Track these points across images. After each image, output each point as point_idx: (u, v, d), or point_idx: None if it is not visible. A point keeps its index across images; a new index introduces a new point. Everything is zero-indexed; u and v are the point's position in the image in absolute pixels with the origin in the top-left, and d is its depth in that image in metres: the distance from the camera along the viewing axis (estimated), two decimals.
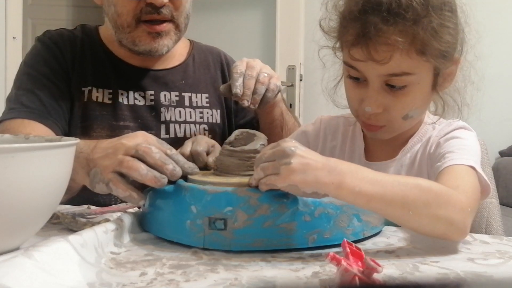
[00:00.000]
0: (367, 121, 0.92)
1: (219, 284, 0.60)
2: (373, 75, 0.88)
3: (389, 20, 0.83)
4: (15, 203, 0.66)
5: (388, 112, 0.90)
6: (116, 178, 0.78)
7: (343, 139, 1.06)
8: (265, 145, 0.82)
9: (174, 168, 0.78)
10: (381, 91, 0.88)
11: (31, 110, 1.10)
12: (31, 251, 0.60)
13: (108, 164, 0.79)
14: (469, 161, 0.84)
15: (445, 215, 0.72)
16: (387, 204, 0.71)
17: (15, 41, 2.72)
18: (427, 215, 0.72)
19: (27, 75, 1.17)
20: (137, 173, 0.77)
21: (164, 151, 0.79)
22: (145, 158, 0.77)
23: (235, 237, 0.71)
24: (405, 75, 0.86)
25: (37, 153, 0.67)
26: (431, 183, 0.75)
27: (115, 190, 0.79)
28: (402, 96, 0.88)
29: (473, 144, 0.92)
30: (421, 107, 0.93)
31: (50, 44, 1.19)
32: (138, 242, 0.77)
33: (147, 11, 1.12)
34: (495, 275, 0.64)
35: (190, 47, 1.33)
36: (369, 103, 0.89)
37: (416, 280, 0.63)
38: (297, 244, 0.73)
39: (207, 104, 1.26)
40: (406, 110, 0.90)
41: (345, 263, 0.57)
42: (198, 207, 0.73)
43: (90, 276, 0.62)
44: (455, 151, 0.87)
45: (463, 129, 0.95)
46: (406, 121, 0.92)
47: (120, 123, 1.16)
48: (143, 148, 0.78)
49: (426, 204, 0.72)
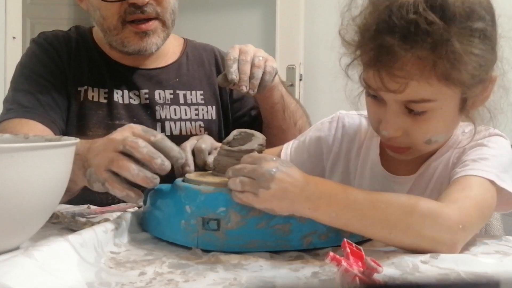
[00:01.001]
0: (388, 143, 0.86)
1: (218, 284, 0.60)
2: (390, 100, 0.80)
3: (406, 44, 0.75)
4: (15, 203, 0.66)
5: (408, 136, 0.82)
6: (111, 177, 0.78)
7: (359, 142, 0.99)
8: (263, 145, 0.81)
9: (162, 162, 0.77)
10: (399, 115, 0.80)
11: (29, 109, 1.10)
12: (31, 250, 0.60)
13: (99, 163, 0.79)
14: (489, 174, 0.78)
15: (430, 235, 0.70)
16: (367, 227, 0.70)
17: (14, 40, 2.72)
18: (410, 236, 0.71)
19: (23, 76, 1.17)
20: (128, 173, 0.76)
21: (148, 138, 0.78)
22: (133, 154, 0.77)
23: (228, 238, 0.71)
24: (425, 102, 0.78)
25: (37, 153, 0.67)
26: (417, 202, 0.72)
27: (112, 190, 0.79)
28: (423, 121, 0.80)
29: (502, 153, 0.84)
30: (446, 131, 0.85)
31: (46, 45, 1.20)
32: (137, 242, 0.77)
33: (131, 11, 1.12)
34: (495, 275, 0.64)
35: (184, 45, 1.33)
36: (386, 127, 0.82)
37: (417, 280, 0.63)
38: (292, 246, 0.73)
39: (202, 101, 1.26)
40: (428, 135, 0.82)
41: (345, 263, 0.57)
42: (192, 207, 0.73)
43: (89, 276, 0.62)
44: (478, 160, 0.81)
45: (495, 137, 0.87)
46: (430, 145, 0.84)
47: (115, 122, 1.17)
48: (129, 143, 0.77)
49: (408, 226, 0.70)
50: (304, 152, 1.03)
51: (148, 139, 0.78)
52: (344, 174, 0.99)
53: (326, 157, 1.02)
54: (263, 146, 0.81)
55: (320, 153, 1.02)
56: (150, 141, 0.78)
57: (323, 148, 1.02)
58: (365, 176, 0.96)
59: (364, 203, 0.71)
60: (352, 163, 0.99)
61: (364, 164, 0.97)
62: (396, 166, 0.93)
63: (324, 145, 1.02)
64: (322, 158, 1.02)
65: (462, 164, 0.82)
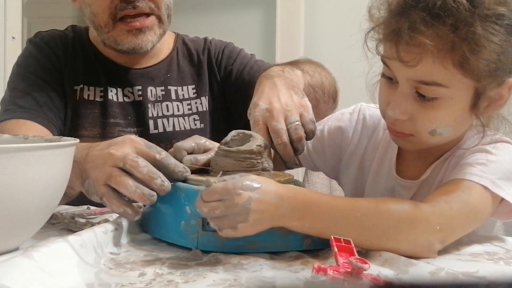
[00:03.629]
0: (392, 126, 0.85)
1: (218, 284, 0.60)
2: (403, 78, 0.80)
3: (428, 21, 0.74)
4: (14, 204, 0.66)
5: (413, 122, 0.81)
6: (108, 193, 0.77)
7: (377, 136, 0.97)
8: (261, 146, 0.81)
9: (162, 183, 0.76)
10: (408, 98, 0.80)
11: (27, 110, 1.10)
12: (30, 251, 0.60)
13: (98, 176, 0.78)
14: (482, 180, 0.77)
15: (406, 239, 0.71)
16: (343, 233, 0.68)
17: (14, 40, 2.71)
18: (388, 241, 0.71)
19: (20, 76, 1.17)
20: (125, 190, 0.75)
21: (153, 156, 0.77)
22: (133, 173, 0.76)
23: (228, 239, 0.70)
24: (436, 86, 0.77)
25: (36, 153, 0.66)
26: (395, 206, 0.73)
27: (109, 206, 0.78)
28: (431, 108, 0.79)
29: (505, 160, 0.81)
30: (453, 126, 0.82)
31: (42, 45, 1.20)
32: (137, 243, 0.77)
33: (121, 7, 1.11)
34: (496, 275, 0.64)
35: (175, 41, 1.31)
36: (393, 107, 0.81)
37: (411, 280, 0.63)
38: (292, 247, 0.72)
39: (194, 95, 1.25)
40: (434, 125, 0.81)
41: (331, 271, 0.57)
42: (192, 207, 0.73)
43: (89, 277, 0.62)
44: (474, 165, 0.79)
45: (502, 143, 0.83)
46: (434, 137, 0.82)
47: (110, 121, 1.16)
48: (129, 161, 0.76)
49: (385, 232, 0.71)
50: (324, 142, 1.01)
51: (153, 157, 0.77)
52: (359, 170, 0.98)
53: (344, 149, 1.00)
54: (261, 147, 0.81)
55: (339, 143, 1.01)
56: (155, 159, 0.77)
57: (343, 138, 1.00)
58: (380, 176, 0.95)
59: (338, 213, 0.71)
60: (368, 159, 0.98)
61: (380, 164, 0.95)
62: (405, 170, 0.92)
63: (344, 136, 1.00)
64: (340, 148, 1.01)
65: (458, 167, 0.81)
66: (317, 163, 1.03)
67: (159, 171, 0.76)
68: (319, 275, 0.58)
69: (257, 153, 0.80)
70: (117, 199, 0.77)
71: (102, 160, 0.78)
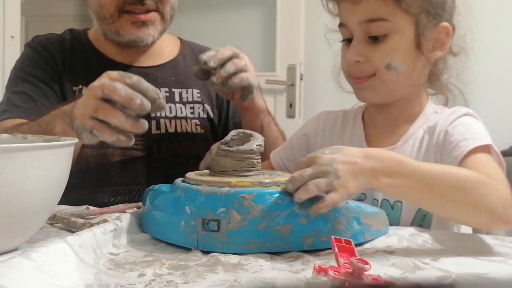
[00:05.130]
0: (354, 74, 0.95)
1: (218, 285, 0.59)
2: (354, 24, 0.92)
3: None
4: (13, 204, 0.65)
5: (370, 62, 0.93)
6: (98, 124, 0.80)
7: (341, 131, 1.06)
8: (261, 145, 0.81)
9: (141, 102, 0.79)
10: (363, 42, 0.93)
11: (24, 109, 1.11)
12: (29, 251, 0.60)
13: (83, 112, 0.81)
14: (483, 140, 0.86)
15: (486, 205, 0.72)
16: (426, 194, 0.72)
17: (13, 40, 2.71)
18: (467, 205, 0.72)
19: (19, 79, 1.18)
20: (115, 120, 0.79)
21: (124, 81, 0.80)
22: (112, 97, 0.79)
23: (228, 239, 0.70)
24: (382, 21, 0.90)
25: (35, 153, 0.66)
26: (468, 172, 0.76)
27: (101, 136, 0.81)
28: (382, 45, 0.92)
29: (481, 127, 0.92)
30: (405, 62, 0.93)
31: (39, 48, 1.21)
32: (137, 243, 0.77)
33: (130, 2, 1.13)
34: (497, 276, 0.64)
35: (181, 46, 1.33)
36: (351, 51, 0.93)
37: (417, 280, 0.62)
38: (293, 247, 0.72)
39: (198, 99, 1.26)
40: (387, 58, 0.92)
41: (332, 272, 0.57)
42: (192, 207, 0.73)
43: (88, 277, 0.61)
44: (467, 137, 0.88)
45: (468, 116, 0.94)
46: (390, 71, 0.92)
47: None
48: (107, 87, 0.79)
49: (466, 194, 0.72)
50: (293, 148, 1.09)
51: (124, 82, 0.80)
52: None
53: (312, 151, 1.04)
54: (261, 147, 0.80)
55: (307, 148, 1.08)
56: (127, 83, 0.80)
57: (309, 142, 1.09)
58: None
59: (422, 172, 0.73)
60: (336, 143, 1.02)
61: (350, 143, 1.01)
62: (377, 143, 0.99)
63: (310, 140, 1.09)
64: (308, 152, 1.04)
65: (455, 146, 0.88)
66: (291, 170, 1.05)
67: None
68: (320, 276, 0.58)
69: (257, 153, 0.80)
70: (108, 128, 0.80)
71: (84, 96, 0.83)
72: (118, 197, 1.16)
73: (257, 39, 2.80)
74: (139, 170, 1.17)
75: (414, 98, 0.99)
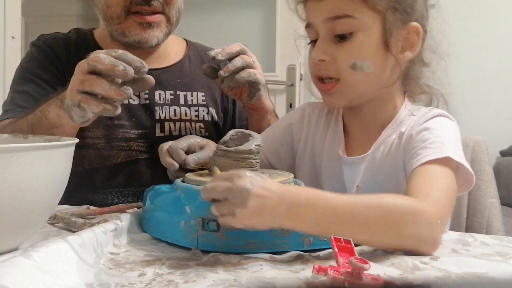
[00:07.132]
0: (318, 72, 0.92)
1: (218, 285, 0.60)
2: (319, 22, 0.90)
3: None
4: (14, 203, 0.65)
5: (335, 62, 0.89)
6: (85, 97, 0.83)
7: (324, 126, 1.03)
8: (260, 145, 0.80)
9: (125, 68, 0.81)
10: (328, 40, 0.90)
11: (26, 110, 1.10)
12: (30, 251, 0.60)
13: (71, 88, 0.85)
14: (443, 152, 0.81)
15: (411, 233, 0.70)
16: (347, 230, 0.68)
17: (14, 40, 2.71)
18: (392, 236, 0.70)
19: (23, 78, 1.18)
20: (100, 88, 0.82)
21: (110, 54, 0.84)
22: (97, 67, 0.82)
23: (228, 239, 0.70)
24: (347, 18, 0.87)
25: (36, 153, 0.66)
26: (395, 200, 0.72)
27: (88, 108, 0.83)
28: (348, 43, 0.89)
29: (449, 132, 0.87)
30: (372, 61, 0.89)
31: (45, 48, 1.20)
32: (137, 243, 0.77)
33: (137, 3, 1.13)
34: (496, 276, 0.64)
35: (187, 48, 1.33)
36: (316, 49, 0.91)
37: (416, 280, 0.63)
38: (292, 247, 0.72)
39: (203, 102, 1.26)
40: (352, 58, 0.88)
41: (332, 271, 0.57)
42: (192, 207, 0.73)
43: (89, 277, 0.61)
44: (428, 146, 0.84)
45: (439, 117, 0.91)
46: (356, 72, 0.89)
47: (114, 122, 1.16)
48: (92, 58, 0.83)
49: (390, 225, 0.70)
50: (276, 142, 1.07)
51: (110, 54, 0.83)
52: (311, 162, 1.02)
53: (295, 145, 1.05)
54: (260, 147, 0.80)
55: (291, 141, 1.06)
56: (112, 56, 0.83)
57: (293, 134, 1.06)
58: (333, 160, 0.98)
59: (343, 208, 0.69)
60: (318, 151, 1.01)
61: (331, 151, 0.99)
62: (354, 152, 0.96)
63: (294, 131, 1.06)
64: (292, 145, 1.06)
65: (414, 153, 0.84)
66: (275, 165, 1.06)
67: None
68: (320, 275, 0.58)
69: (256, 153, 0.80)
70: (94, 99, 0.83)
71: (73, 75, 0.86)
72: (122, 199, 1.16)
73: (257, 40, 2.81)
74: (143, 172, 1.17)
75: (386, 100, 0.95)
